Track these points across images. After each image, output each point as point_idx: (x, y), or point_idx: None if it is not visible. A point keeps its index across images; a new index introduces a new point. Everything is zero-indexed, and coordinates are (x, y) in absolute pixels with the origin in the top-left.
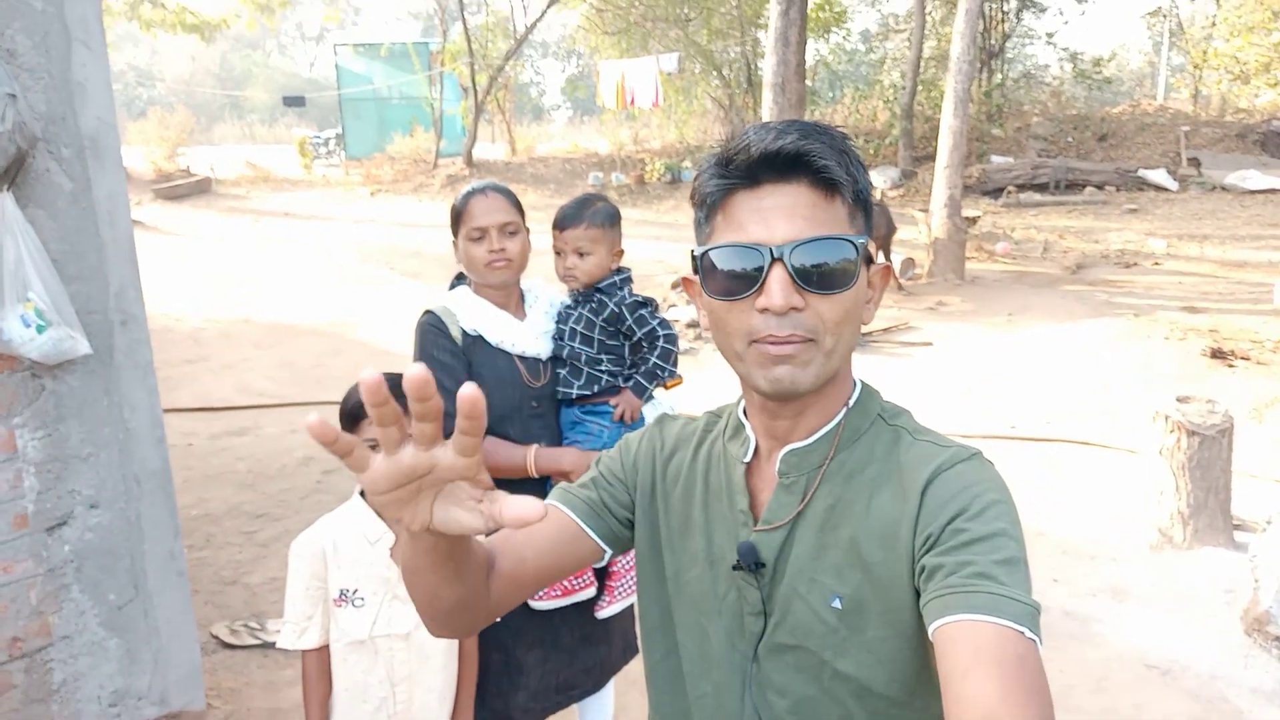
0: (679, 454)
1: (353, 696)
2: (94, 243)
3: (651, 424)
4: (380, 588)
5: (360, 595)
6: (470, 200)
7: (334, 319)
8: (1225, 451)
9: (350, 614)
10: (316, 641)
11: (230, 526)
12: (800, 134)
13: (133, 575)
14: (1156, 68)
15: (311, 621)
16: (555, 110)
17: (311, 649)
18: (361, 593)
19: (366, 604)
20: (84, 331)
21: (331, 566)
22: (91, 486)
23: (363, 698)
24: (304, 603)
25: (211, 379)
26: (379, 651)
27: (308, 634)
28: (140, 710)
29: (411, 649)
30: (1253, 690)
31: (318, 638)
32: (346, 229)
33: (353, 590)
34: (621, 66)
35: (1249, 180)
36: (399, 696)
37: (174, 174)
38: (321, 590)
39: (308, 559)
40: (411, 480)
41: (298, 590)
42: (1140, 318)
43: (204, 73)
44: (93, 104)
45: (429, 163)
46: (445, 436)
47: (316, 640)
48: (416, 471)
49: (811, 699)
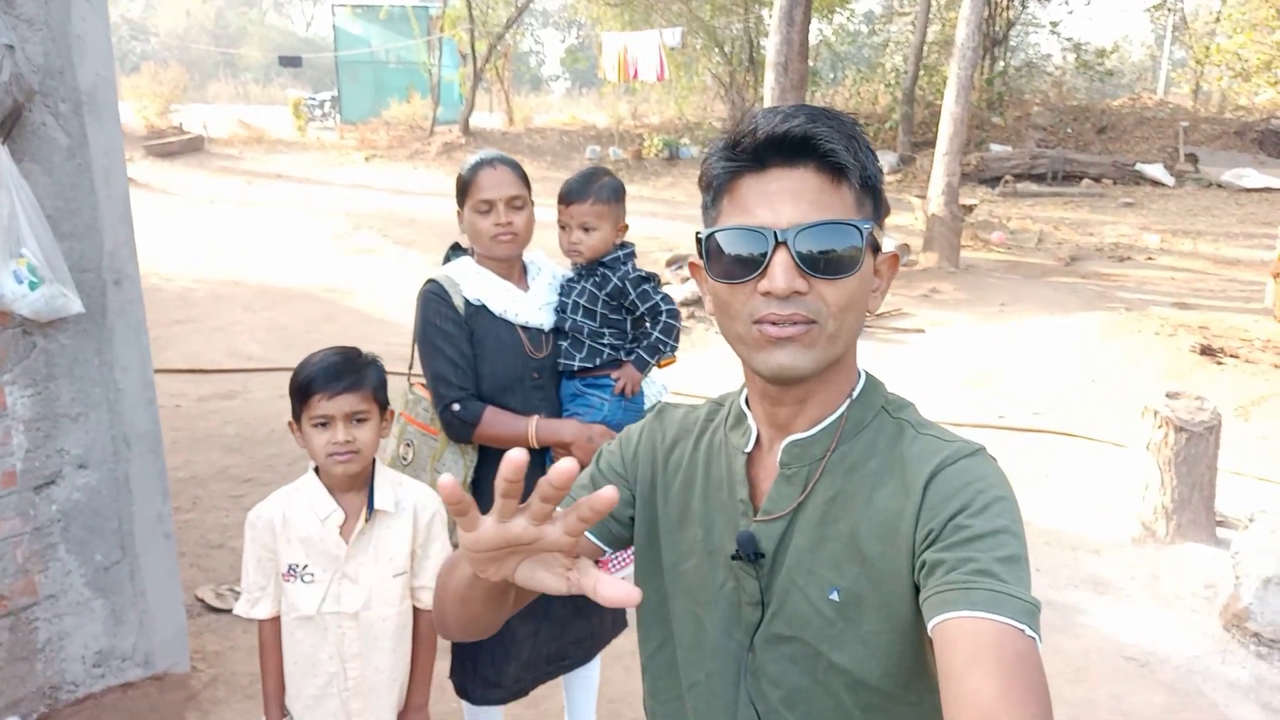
0: (680, 445)
1: (303, 670)
2: (89, 200)
3: (651, 416)
4: (329, 565)
5: (310, 571)
6: (479, 172)
7: (326, 284)
8: (1212, 448)
9: (299, 589)
10: (269, 612)
11: (217, 490)
12: (808, 118)
13: (120, 536)
14: (1158, 61)
15: (264, 592)
16: (554, 81)
17: (266, 619)
18: (311, 569)
19: (316, 580)
20: (77, 290)
21: (280, 540)
22: (81, 446)
23: (312, 671)
24: (256, 573)
25: (200, 340)
26: (328, 628)
27: (260, 604)
28: (124, 671)
29: (360, 628)
30: (1230, 684)
31: (269, 608)
32: (340, 194)
33: (302, 565)
34: (624, 39)
35: (1245, 178)
36: (350, 673)
37: (166, 131)
38: (272, 562)
39: (260, 530)
40: (512, 547)
41: (250, 561)
42: (1132, 312)
43: (198, 28)
44: (91, 58)
45: (425, 129)
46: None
47: (269, 611)
48: (521, 541)
49: (805, 690)
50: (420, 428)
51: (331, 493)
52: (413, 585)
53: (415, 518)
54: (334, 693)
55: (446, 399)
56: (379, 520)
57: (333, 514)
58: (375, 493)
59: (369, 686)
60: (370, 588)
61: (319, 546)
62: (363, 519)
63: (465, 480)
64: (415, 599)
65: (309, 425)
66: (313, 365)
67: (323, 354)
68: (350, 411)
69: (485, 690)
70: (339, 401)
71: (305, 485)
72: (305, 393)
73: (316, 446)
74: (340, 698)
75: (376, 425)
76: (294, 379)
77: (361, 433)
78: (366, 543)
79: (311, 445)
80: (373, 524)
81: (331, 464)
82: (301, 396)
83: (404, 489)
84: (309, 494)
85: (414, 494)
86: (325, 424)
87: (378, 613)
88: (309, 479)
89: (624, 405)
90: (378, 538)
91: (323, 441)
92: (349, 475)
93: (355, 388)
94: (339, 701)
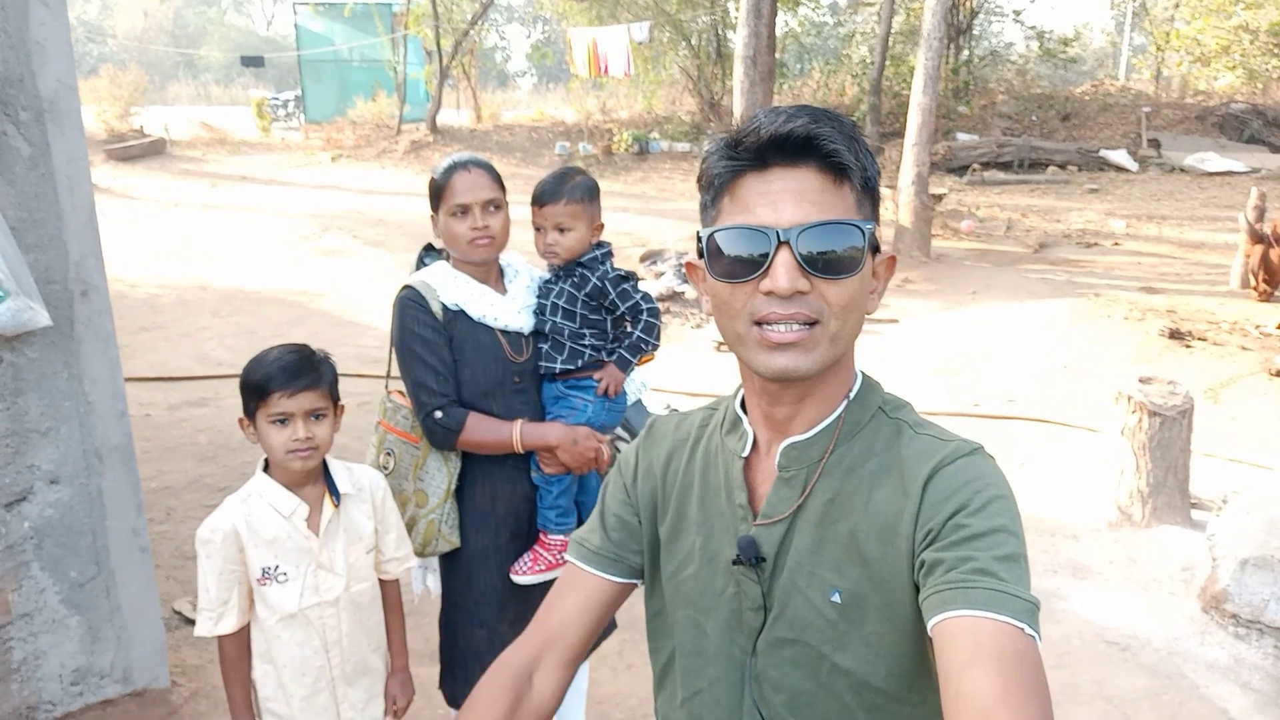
0: (676, 456)
1: (292, 673)
2: (53, 210)
3: (643, 434)
4: (302, 559)
5: (283, 570)
6: (452, 175)
7: (295, 287)
8: (1185, 432)
9: (276, 590)
10: (233, 626)
11: (191, 500)
12: (810, 118)
13: (94, 552)
14: (1119, 48)
15: (227, 606)
16: (520, 77)
17: (229, 634)
18: (283, 567)
19: (291, 578)
20: (43, 302)
21: (249, 547)
22: (51, 461)
23: (301, 671)
24: (218, 588)
25: (168, 348)
26: (311, 621)
27: (224, 619)
28: (103, 688)
29: (341, 612)
30: (1209, 665)
31: (234, 621)
32: (307, 195)
33: (274, 567)
34: (593, 34)
35: (1207, 162)
36: (334, 662)
37: (127, 134)
38: (236, 573)
39: (219, 543)
40: None
41: (210, 577)
42: (1100, 298)
43: (156, 29)
44: (52, 65)
45: (392, 128)
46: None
47: (233, 624)
48: None
49: (809, 693)
50: (401, 436)
51: (289, 488)
52: (379, 559)
53: (371, 496)
54: (324, 686)
55: (428, 406)
56: (345, 504)
57: (297, 509)
58: (334, 479)
59: (354, 664)
60: (348, 569)
61: (288, 544)
62: (329, 506)
63: (449, 488)
64: (381, 571)
65: (266, 422)
66: (269, 363)
67: (278, 351)
68: (310, 409)
69: None
70: (299, 399)
71: (259, 488)
72: (263, 391)
73: (275, 444)
74: (329, 690)
75: (332, 422)
76: (248, 376)
77: (320, 429)
78: (337, 528)
79: (269, 442)
80: (341, 508)
81: (291, 460)
82: (259, 394)
83: (355, 472)
84: (266, 495)
85: (365, 475)
86: (284, 421)
87: (357, 589)
88: (261, 481)
89: (607, 406)
90: (348, 521)
91: (283, 439)
92: (305, 471)
93: (314, 385)
94: (328, 694)
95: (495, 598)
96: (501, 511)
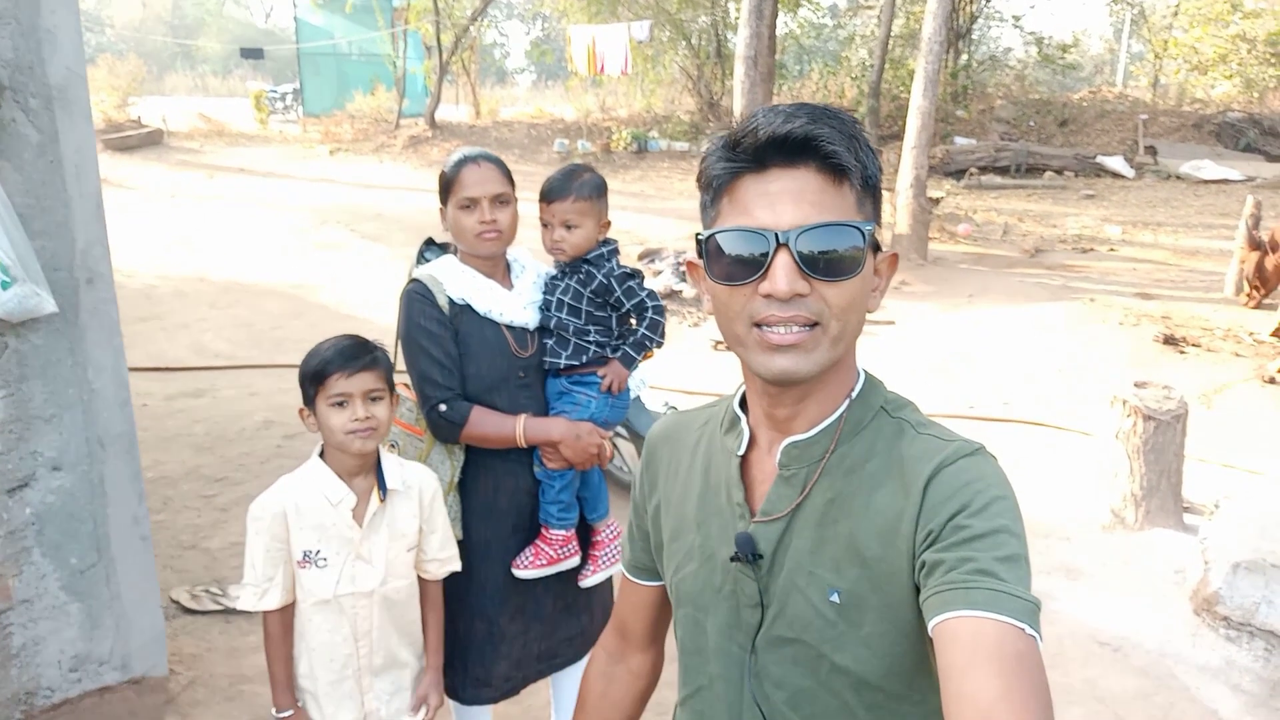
0: (678, 456)
1: (320, 657)
2: (60, 197)
3: (650, 434)
4: (343, 548)
5: (323, 556)
6: (462, 169)
7: (293, 280)
8: (1179, 436)
9: (314, 574)
10: (278, 602)
11: (188, 490)
12: (809, 118)
13: (95, 539)
14: (1117, 55)
15: (272, 583)
16: (519, 74)
17: (273, 609)
18: (324, 553)
19: (329, 564)
20: (49, 289)
21: (294, 529)
22: (54, 448)
23: (329, 656)
24: (264, 565)
25: (165, 338)
26: (344, 610)
27: (269, 595)
28: (101, 675)
29: (374, 605)
30: (1200, 668)
31: (279, 598)
32: (305, 188)
33: (315, 551)
34: (592, 31)
35: (1203, 170)
36: (362, 652)
37: (124, 124)
38: (282, 551)
39: (268, 521)
40: None
41: (258, 552)
42: (1096, 303)
43: (155, 19)
44: (62, 53)
45: (391, 123)
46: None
47: (278, 601)
48: None
49: (809, 691)
50: (405, 428)
51: (340, 477)
52: (420, 559)
53: (420, 496)
54: (350, 674)
55: (433, 399)
56: (391, 500)
57: (345, 498)
58: (385, 474)
59: (385, 656)
60: (386, 564)
61: (332, 531)
62: (375, 500)
63: (452, 481)
64: (423, 570)
65: (325, 405)
66: (326, 349)
67: (333, 340)
68: (368, 389)
69: (475, 690)
70: (357, 380)
71: (312, 472)
72: (321, 375)
73: (334, 425)
74: (355, 679)
75: (389, 404)
76: (306, 365)
77: (378, 410)
78: (380, 522)
79: (329, 424)
80: (387, 504)
81: (350, 441)
82: (317, 379)
83: (407, 470)
84: (318, 480)
85: (417, 474)
86: (343, 403)
87: (393, 585)
88: (315, 466)
89: (611, 402)
90: (391, 516)
91: (342, 420)
92: (364, 453)
93: (371, 366)
94: (354, 683)
95: (497, 591)
96: (504, 505)
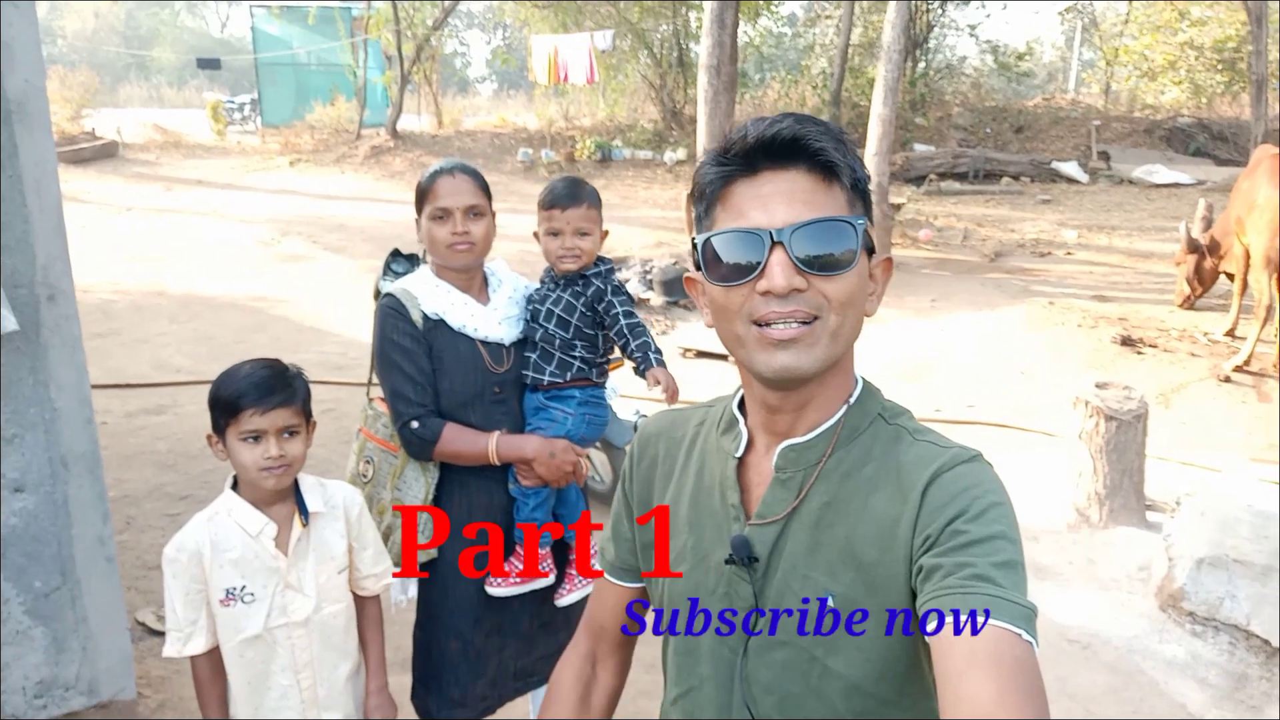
0: (669, 457)
1: (254, 689)
2: (20, 213)
3: (638, 433)
4: (269, 580)
5: (249, 591)
6: (437, 180)
7: (255, 293)
8: (1140, 435)
9: (241, 611)
10: (203, 646)
11: (151, 509)
12: (796, 120)
13: (60, 561)
14: (1069, 62)
15: (196, 626)
16: (481, 83)
17: (199, 654)
18: (250, 588)
19: (257, 598)
20: (10, 307)
21: (212, 568)
22: (16, 469)
23: (265, 686)
24: (185, 609)
25: (124, 354)
26: (277, 642)
27: (193, 640)
28: (68, 700)
29: (311, 634)
30: (1167, 662)
31: (205, 642)
32: (265, 200)
33: (240, 587)
34: (554, 41)
35: (1155, 174)
36: (304, 684)
37: (78, 136)
38: (203, 593)
39: (184, 562)
40: None
41: (177, 597)
42: (1055, 306)
43: (108, 29)
44: (20, 66)
45: (351, 133)
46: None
47: (203, 645)
48: None
49: (798, 696)
50: (380, 444)
51: (257, 506)
52: (355, 577)
53: (346, 513)
54: (292, 704)
55: (405, 416)
56: (315, 522)
57: (265, 527)
58: (305, 497)
59: (328, 687)
60: (318, 590)
61: (255, 563)
62: (298, 525)
63: (427, 498)
64: (358, 587)
65: (237, 440)
66: (241, 379)
67: (249, 366)
68: (283, 426)
69: (450, 709)
70: (272, 416)
71: (226, 505)
72: (234, 408)
73: (246, 462)
74: (299, 711)
75: (305, 439)
76: (218, 392)
77: (292, 446)
78: (306, 548)
79: (240, 460)
80: (310, 527)
81: (264, 479)
82: (230, 411)
83: (329, 489)
84: (233, 513)
85: (339, 492)
86: (256, 439)
87: (328, 611)
88: (228, 499)
89: (588, 419)
90: (318, 540)
91: (254, 456)
92: (278, 489)
93: (288, 402)
94: (298, 711)
95: (471, 609)
96: (479, 522)
